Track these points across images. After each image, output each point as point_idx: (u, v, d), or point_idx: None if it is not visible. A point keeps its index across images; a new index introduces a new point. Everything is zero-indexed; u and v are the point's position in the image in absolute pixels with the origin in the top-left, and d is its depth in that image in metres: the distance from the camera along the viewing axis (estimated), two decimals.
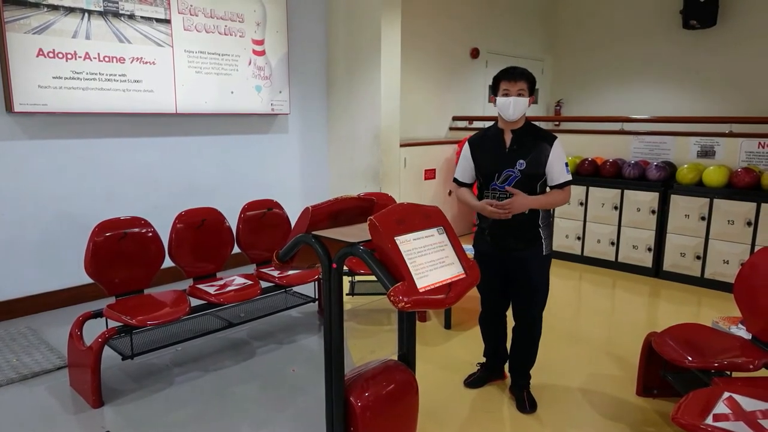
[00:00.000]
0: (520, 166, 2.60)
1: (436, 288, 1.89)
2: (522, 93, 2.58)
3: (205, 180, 4.69)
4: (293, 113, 5.29)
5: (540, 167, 2.61)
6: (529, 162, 2.60)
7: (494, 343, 3.00)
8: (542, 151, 2.60)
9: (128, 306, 2.91)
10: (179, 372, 3.09)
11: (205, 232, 3.39)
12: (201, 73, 4.46)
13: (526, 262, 2.67)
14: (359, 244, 1.94)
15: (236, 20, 4.64)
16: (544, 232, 2.67)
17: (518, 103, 2.57)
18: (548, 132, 2.70)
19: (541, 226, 2.66)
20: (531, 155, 2.60)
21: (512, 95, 2.57)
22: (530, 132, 2.66)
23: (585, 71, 8.24)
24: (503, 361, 3.03)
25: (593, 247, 5.31)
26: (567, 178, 2.64)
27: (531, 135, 2.65)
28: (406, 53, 5.90)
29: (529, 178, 2.61)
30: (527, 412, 2.73)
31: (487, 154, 2.71)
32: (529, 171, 2.60)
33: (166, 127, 4.40)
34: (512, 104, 2.56)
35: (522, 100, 2.57)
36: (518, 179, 2.60)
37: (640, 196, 4.97)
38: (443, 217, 2.10)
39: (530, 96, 2.62)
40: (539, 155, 2.60)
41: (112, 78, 3.97)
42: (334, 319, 2.07)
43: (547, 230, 2.69)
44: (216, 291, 3.17)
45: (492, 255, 2.74)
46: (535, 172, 2.61)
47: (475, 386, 3.00)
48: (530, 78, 2.62)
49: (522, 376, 2.86)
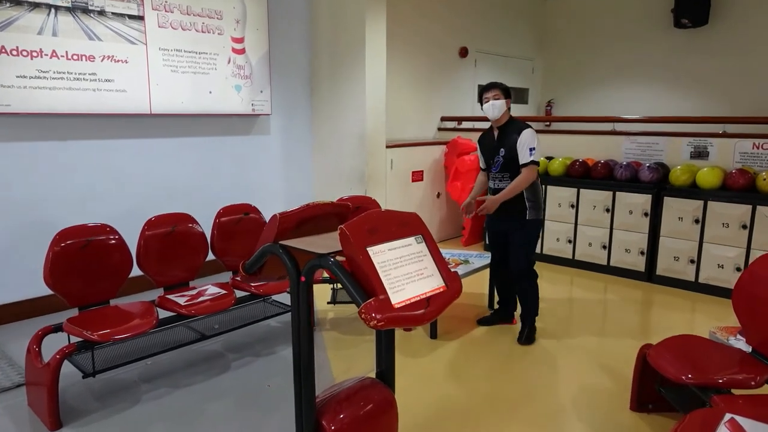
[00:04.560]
0: (502, 152, 3.43)
1: (414, 303, 1.73)
2: (497, 97, 3.38)
3: (182, 183, 4.51)
4: (275, 114, 5.12)
5: (513, 152, 3.37)
6: (507, 149, 3.40)
7: (502, 294, 3.78)
8: (514, 140, 3.36)
9: (90, 319, 2.72)
10: (147, 389, 2.91)
11: (177, 238, 3.21)
12: (177, 72, 4.28)
13: (514, 226, 3.47)
14: (329, 255, 1.78)
15: (214, 17, 4.46)
16: (529, 203, 3.42)
17: (495, 105, 3.37)
18: (523, 124, 3.43)
19: (527, 198, 3.41)
20: (508, 144, 3.39)
21: (491, 100, 3.38)
22: (510, 126, 3.44)
23: (576, 71, 8.12)
24: (513, 307, 3.77)
25: (584, 251, 5.18)
26: (527, 159, 3.33)
27: (510, 129, 3.43)
28: (393, 52, 5.75)
29: (509, 161, 3.40)
30: (521, 343, 3.50)
31: (485, 147, 3.60)
32: (508, 155, 3.40)
33: (140, 129, 4.22)
34: (491, 107, 3.39)
35: (498, 102, 3.37)
36: (502, 163, 3.44)
37: (633, 199, 4.84)
38: (422, 224, 1.94)
39: (506, 99, 3.41)
40: (512, 143, 3.37)
41: (81, 77, 3.78)
42: (303, 337, 1.90)
43: (531, 202, 3.42)
44: (187, 302, 2.99)
45: (491, 220, 3.60)
46: (511, 156, 3.39)
47: (484, 324, 3.79)
48: (503, 87, 3.43)
49: (524, 314, 3.58)
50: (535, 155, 3.31)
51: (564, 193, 5.21)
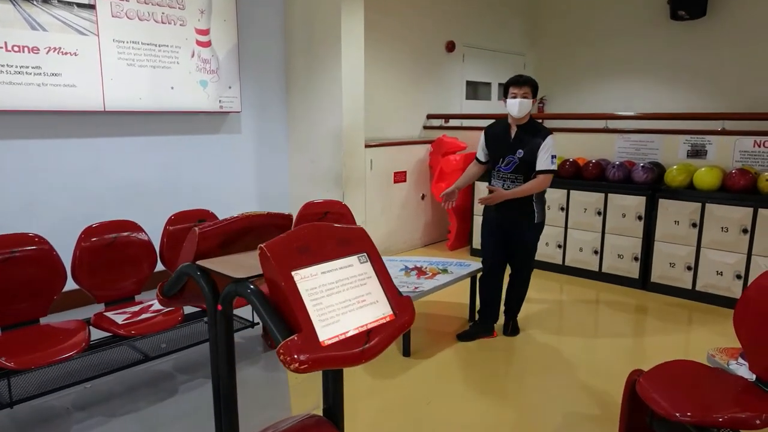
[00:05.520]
0: (519, 154, 3.25)
1: (349, 338, 1.42)
2: (526, 95, 3.18)
3: (141, 187, 4.18)
4: (246, 111, 4.80)
5: (533, 156, 3.22)
6: (526, 151, 3.23)
7: (492, 296, 3.54)
8: (537, 143, 3.21)
9: (11, 342, 2.42)
10: (80, 418, 2.60)
11: (119, 249, 2.90)
12: (134, 65, 3.96)
13: (521, 227, 3.34)
14: (249, 280, 1.47)
15: (176, 7, 4.14)
16: (537, 206, 3.33)
17: (523, 104, 3.18)
18: (546, 129, 3.29)
19: (535, 201, 3.31)
20: (528, 146, 3.23)
21: (518, 97, 3.17)
22: (531, 127, 3.28)
23: (569, 67, 7.80)
24: (494, 319, 3.57)
25: (575, 256, 4.87)
26: (546, 167, 3.21)
27: (531, 130, 3.27)
28: (373, 46, 5.43)
29: (525, 163, 3.25)
30: (508, 335, 3.54)
31: (496, 142, 3.38)
32: (526, 158, 3.24)
33: (93, 127, 3.90)
34: (518, 105, 3.18)
35: (526, 102, 3.19)
36: (517, 164, 3.27)
37: (626, 201, 4.54)
38: (367, 240, 1.63)
39: (533, 98, 3.22)
40: (534, 146, 3.21)
41: (23, 71, 3.46)
42: (222, 376, 1.60)
43: (539, 204, 3.34)
44: (126, 320, 2.69)
45: (495, 220, 3.39)
46: (529, 159, 3.23)
47: (464, 339, 3.50)
48: (534, 84, 3.24)
49: (512, 310, 3.56)
50: (555, 164, 3.27)
51: (553, 195, 4.90)
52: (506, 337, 3.55)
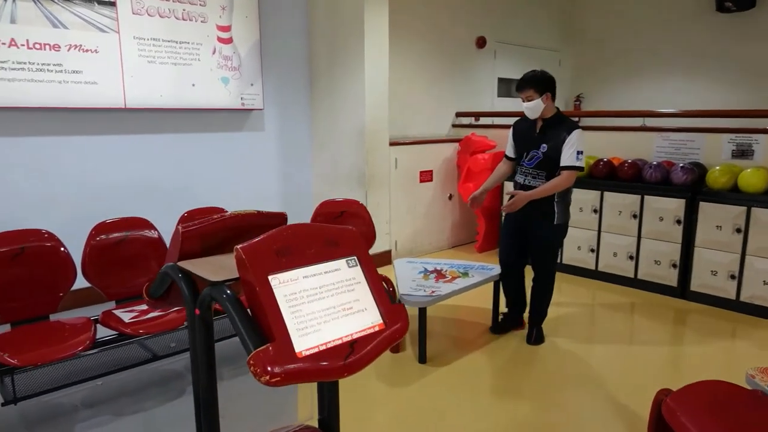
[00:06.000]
0: (543, 149, 3.13)
1: (330, 349, 1.31)
2: (530, 98, 3.07)
3: (163, 184, 4.18)
4: (269, 108, 4.75)
5: (557, 152, 3.07)
6: (550, 146, 3.10)
7: (513, 296, 3.52)
8: (562, 138, 3.05)
9: (18, 338, 2.41)
10: (87, 415, 2.57)
11: (130, 246, 2.88)
12: (154, 62, 3.95)
13: (540, 227, 3.21)
14: (225, 283, 1.37)
15: (197, 3, 4.11)
16: (559, 206, 3.17)
17: (529, 107, 3.10)
18: (573, 122, 3.15)
19: (557, 200, 3.15)
20: (552, 141, 3.09)
21: (524, 101, 3.10)
22: (557, 122, 3.13)
23: (606, 63, 7.48)
24: (521, 311, 3.55)
25: (609, 262, 4.62)
26: (570, 163, 3.04)
27: (557, 124, 3.12)
28: (400, 41, 5.31)
29: (548, 159, 3.11)
30: (531, 344, 3.35)
31: (522, 137, 3.29)
32: (549, 153, 3.10)
33: (113, 124, 3.91)
34: (527, 110, 3.13)
35: (532, 104, 3.08)
36: (540, 159, 3.14)
37: (663, 203, 4.26)
38: (358, 242, 1.51)
39: (542, 95, 3.05)
40: (558, 141, 3.07)
41: (44, 68, 3.49)
42: (202, 383, 1.51)
43: (561, 205, 3.18)
44: (133, 318, 2.64)
45: (515, 221, 3.29)
46: (553, 155, 3.09)
47: (497, 332, 3.53)
48: (536, 81, 3.07)
49: (536, 316, 3.40)
50: (581, 160, 3.06)
51: (586, 196, 4.66)
52: (530, 346, 3.37)
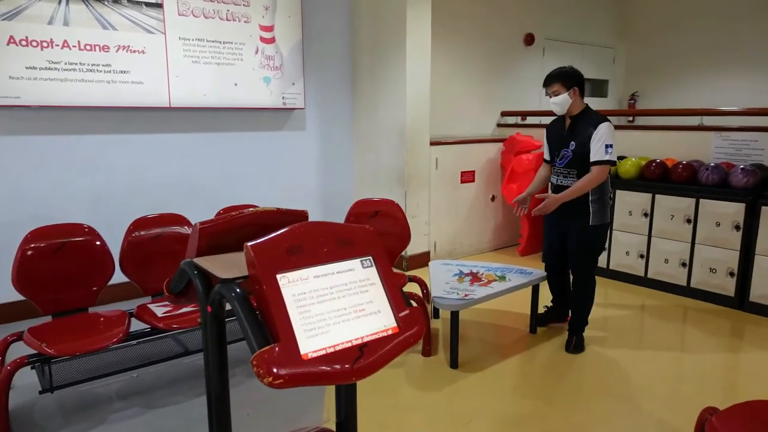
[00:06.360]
0: (572, 146, 3.08)
1: (338, 352, 1.26)
2: (557, 92, 3.04)
3: (205, 181, 4.27)
4: (311, 108, 4.77)
5: (585, 148, 3.01)
6: (578, 143, 3.05)
7: (556, 294, 3.56)
8: (589, 133, 3.00)
9: (56, 329, 2.49)
10: (120, 407, 2.64)
11: (166, 242, 2.93)
12: (199, 62, 4.04)
13: (575, 229, 3.15)
14: (236, 281, 1.35)
15: (240, 4, 4.17)
16: (594, 206, 3.07)
17: (556, 101, 3.06)
18: (601, 116, 3.06)
19: (592, 200, 3.06)
20: (580, 138, 3.04)
21: (551, 96, 3.06)
22: (585, 117, 3.07)
23: (664, 59, 7.11)
24: (565, 309, 3.50)
25: (660, 269, 4.37)
26: (600, 157, 2.96)
27: (584, 120, 3.06)
28: (444, 39, 5.23)
29: (577, 157, 3.06)
30: (569, 351, 3.23)
31: (552, 136, 3.26)
32: (578, 150, 3.05)
33: (158, 123, 4.02)
34: (553, 104, 3.08)
35: (559, 98, 3.05)
36: (570, 158, 3.10)
37: (721, 207, 3.99)
38: (374, 242, 1.46)
39: (569, 89, 3.01)
40: (586, 137, 3.01)
41: (94, 68, 3.62)
42: (214, 382, 1.49)
43: (597, 204, 3.07)
44: (166, 313, 2.69)
45: (553, 219, 3.25)
46: (582, 152, 3.03)
47: (539, 324, 3.57)
48: (564, 76, 3.03)
49: (575, 323, 3.28)
50: (611, 154, 2.98)
51: (636, 199, 4.44)
52: (568, 354, 3.22)
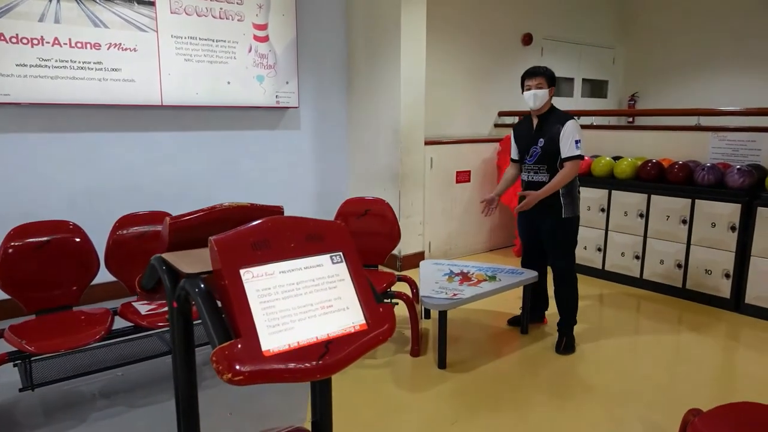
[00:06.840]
0: (541, 143, 3.16)
1: (302, 348, 1.24)
2: (540, 86, 3.10)
3: (197, 180, 4.26)
4: (305, 107, 4.76)
5: (554, 144, 3.11)
6: (546, 140, 3.14)
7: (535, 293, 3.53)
8: (557, 130, 3.10)
9: (38, 327, 2.47)
10: (103, 405, 2.62)
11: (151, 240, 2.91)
12: (191, 61, 4.03)
13: (549, 223, 3.21)
14: (201, 276, 1.33)
15: (234, 2, 4.16)
16: (565, 200, 3.15)
17: (537, 94, 3.10)
18: (566, 114, 3.18)
19: (562, 194, 3.14)
20: (548, 135, 3.14)
21: (533, 89, 3.11)
22: (551, 116, 3.18)
23: (665, 60, 7.07)
24: (543, 308, 3.61)
25: (654, 270, 4.33)
26: (571, 153, 3.07)
27: (551, 118, 3.16)
28: (441, 37, 5.20)
29: (547, 153, 3.14)
30: (560, 353, 3.22)
31: (521, 136, 3.33)
32: (547, 147, 3.14)
33: (150, 121, 4.01)
34: (532, 96, 3.12)
35: (540, 92, 3.10)
36: (539, 154, 3.18)
37: (717, 208, 3.95)
38: (344, 237, 1.43)
39: (549, 88, 3.13)
40: (554, 134, 3.11)
41: (85, 66, 3.62)
42: (181, 380, 1.47)
43: (567, 198, 3.15)
44: (150, 311, 2.67)
45: (526, 218, 3.32)
46: (550, 148, 3.13)
47: (513, 324, 3.59)
48: (548, 74, 3.14)
49: (563, 322, 3.29)
50: (581, 149, 3.09)
51: (631, 200, 4.40)
52: (559, 355, 3.18)
